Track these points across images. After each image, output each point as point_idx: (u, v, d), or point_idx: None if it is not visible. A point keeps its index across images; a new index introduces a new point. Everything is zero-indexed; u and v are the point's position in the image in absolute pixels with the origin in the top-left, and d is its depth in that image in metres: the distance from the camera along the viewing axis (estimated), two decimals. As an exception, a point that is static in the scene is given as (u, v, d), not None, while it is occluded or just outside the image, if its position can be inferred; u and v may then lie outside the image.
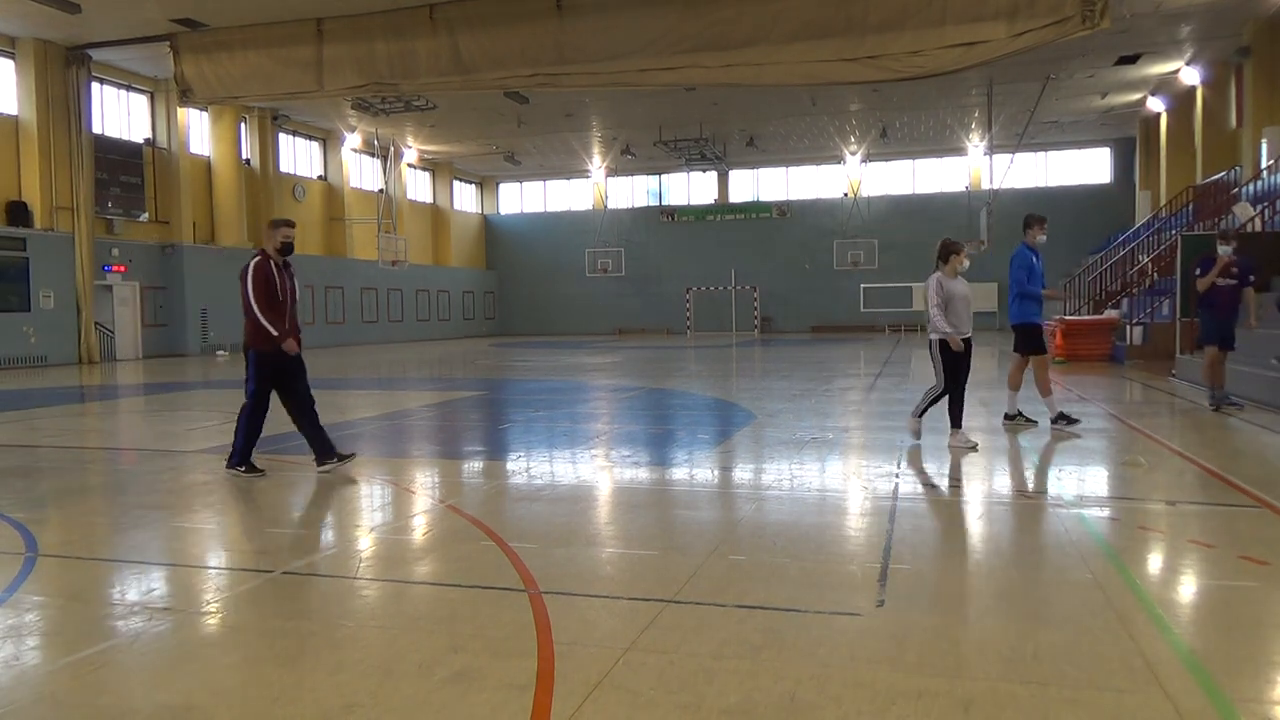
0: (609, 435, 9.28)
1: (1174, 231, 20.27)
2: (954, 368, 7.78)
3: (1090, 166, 37.95)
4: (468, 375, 18.60)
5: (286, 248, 6.93)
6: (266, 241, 6.98)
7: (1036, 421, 8.91)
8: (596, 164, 40.62)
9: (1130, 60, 23.96)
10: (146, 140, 26.39)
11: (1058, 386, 13.14)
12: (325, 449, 7.11)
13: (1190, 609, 3.86)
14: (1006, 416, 9.10)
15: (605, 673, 3.13)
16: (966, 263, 7.77)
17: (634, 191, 43.60)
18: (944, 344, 7.74)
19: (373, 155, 35.20)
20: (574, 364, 21.15)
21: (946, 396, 7.86)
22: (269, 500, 6.30)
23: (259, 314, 6.74)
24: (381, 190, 34.08)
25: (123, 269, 25.16)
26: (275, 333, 6.77)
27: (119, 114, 25.74)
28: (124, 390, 16.01)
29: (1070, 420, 8.76)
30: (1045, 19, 11.84)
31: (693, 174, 41.52)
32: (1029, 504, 5.70)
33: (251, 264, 6.81)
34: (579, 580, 4.28)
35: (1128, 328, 17.97)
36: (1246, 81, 21.44)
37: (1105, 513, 5.41)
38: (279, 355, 6.90)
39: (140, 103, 26.43)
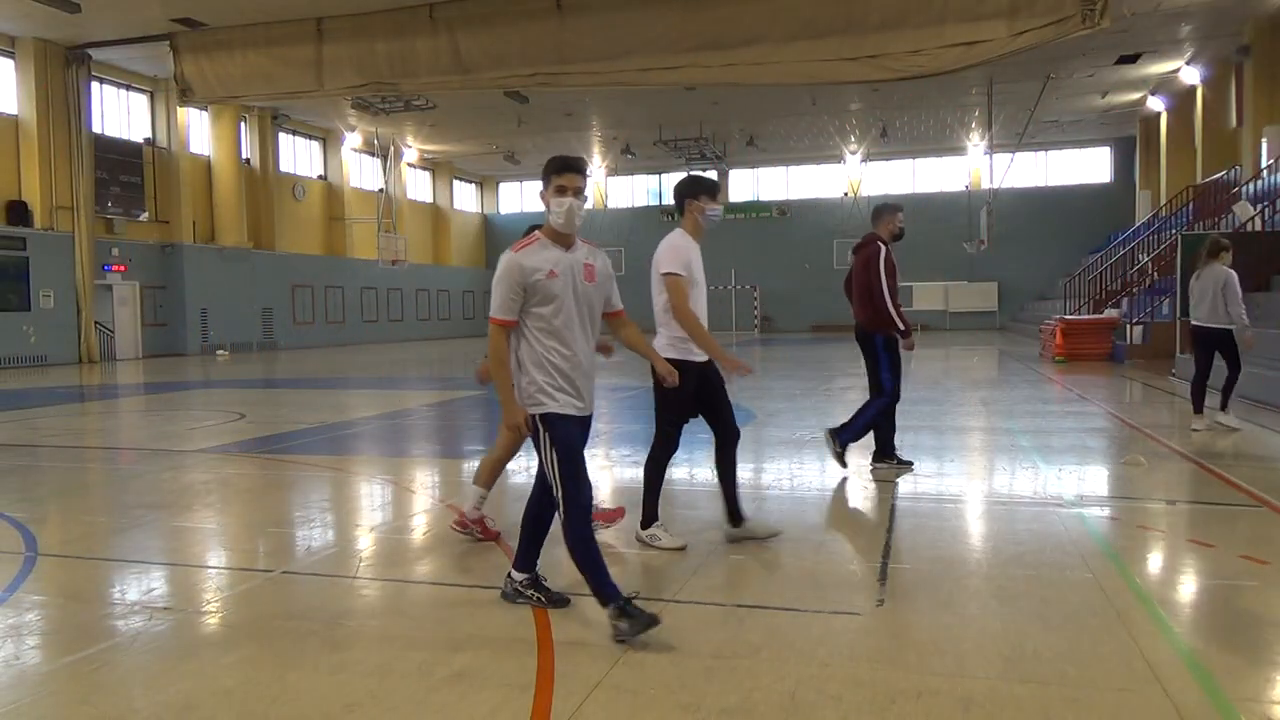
0: (609, 435, 9.27)
1: (1174, 231, 20.26)
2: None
3: (1090, 166, 37.92)
4: (468, 375, 18.59)
5: (901, 233, 6.66)
6: (881, 226, 6.67)
7: None
8: (596, 164, 40.59)
9: (1130, 60, 23.94)
10: (146, 140, 26.38)
11: (1056, 386, 13.14)
12: (886, 448, 6.79)
13: (1190, 609, 3.86)
14: None
15: (605, 673, 3.13)
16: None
17: (634, 191, 43.58)
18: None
19: (373, 155, 35.18)
20: (574, 363, 21.10)
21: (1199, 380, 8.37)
22: (269, 500, 6.30)
23: (890, 303, 6.40)
24: (381, 190, 34.06)
25: (123, 269, 25.15)
26: (902, 326, 6.44)
27: (119, 114, 25.72)
28: (124, 390, 16.00)
29: None
30: (1045, 18, 11.84)
31: (693, 173, 41.46)
32: (1029, 504, 5.69)
33: (881, 251, 6.48)
34: (579, 580, 4.27)
35: (1128, 327, 17.97)
36: (1246, 81, 21.42)
37: (1105, 513, 5.41)
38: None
39: (140, 102, 26.41)
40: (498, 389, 3.57)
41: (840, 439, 6.58)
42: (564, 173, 3.71)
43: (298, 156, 33.10)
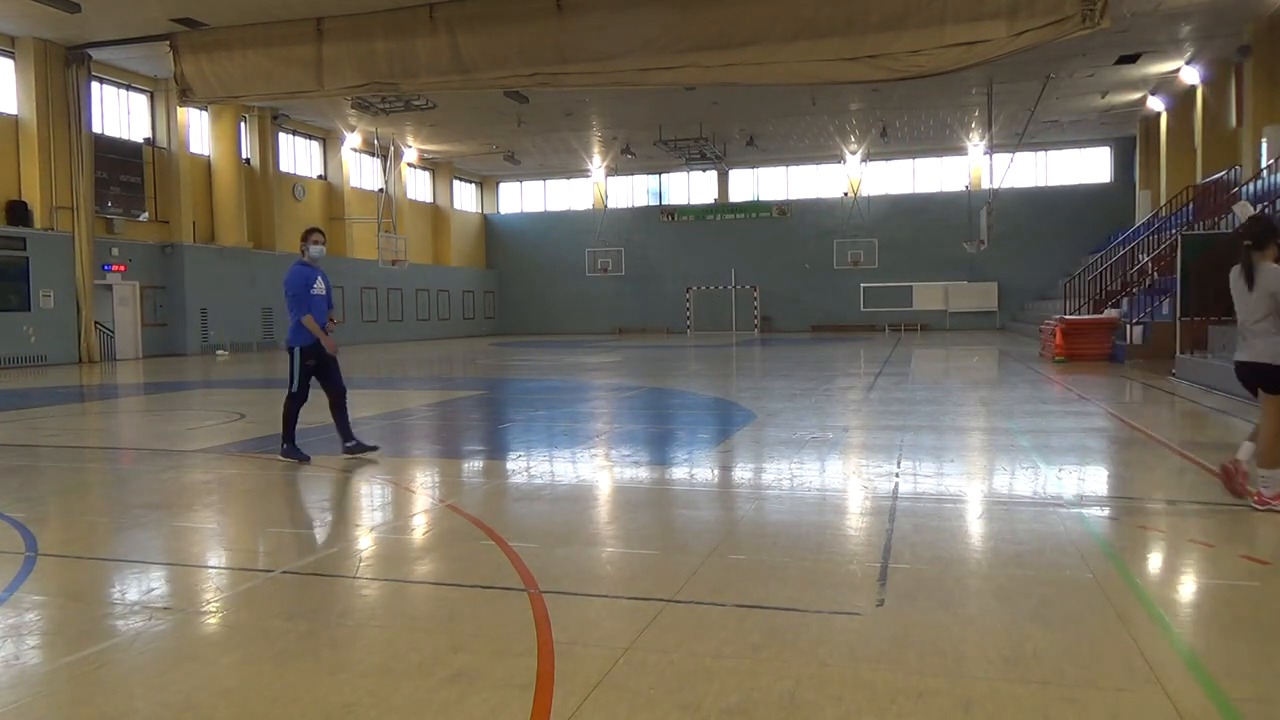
0: (609, 435, 9.27)
1: (1174, 231, 20.27)
2: None
3: (1090, 166, 37.93)
4: (468, 374, 18.60)
5: None
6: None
7: None
8: (596, 163, 40.60)
9: (1130, 60, 23.95)
10: (146, 140, 26.38)
11: (1056, 386, 13.14)
12: None
13: (1190, 609, 3.86)
14: None
15: (605, 672, 3.13)
16: None
17: (634, 191, 43.58)
18: None
19: (373, 155, 35.18)
20: (574, 363, 21.14)
21: None
22: (269, 500, 6.30)
23: None
24: (381, 190, 34.06)
25: (123, 268, 25.15)
26: None
27: (119, 113, 25.72)
28: (124, 390, 16.00)
29: None
30: (1045, 18, 11.82)
31: (693, 173, 41.50)
32: (1029, 504, 5.70)
33: None
34: (579, 580, 4.28)
35: (1128, 327, 17.97)
36: (1247, 80, 21.43)
37: (1105, 513, 5.41)
38: None
39: (140, 102, 26.41)
40: None
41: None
42: None
43: (298, 156, 33.10)
